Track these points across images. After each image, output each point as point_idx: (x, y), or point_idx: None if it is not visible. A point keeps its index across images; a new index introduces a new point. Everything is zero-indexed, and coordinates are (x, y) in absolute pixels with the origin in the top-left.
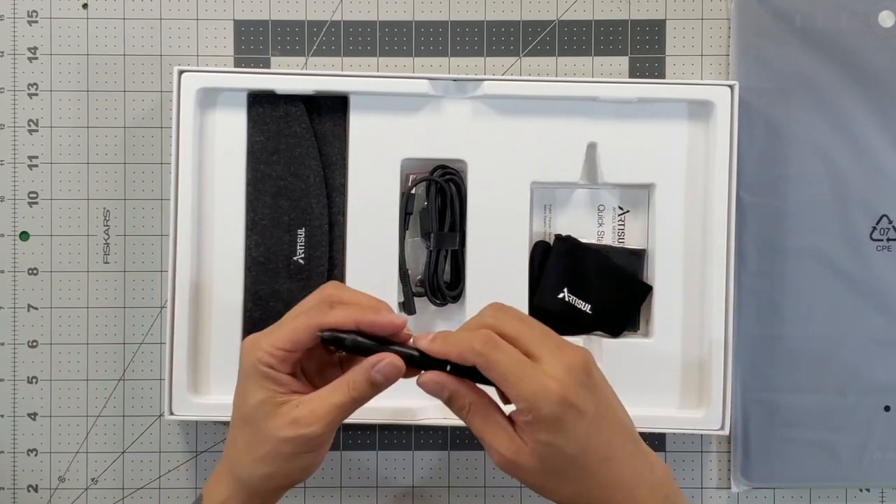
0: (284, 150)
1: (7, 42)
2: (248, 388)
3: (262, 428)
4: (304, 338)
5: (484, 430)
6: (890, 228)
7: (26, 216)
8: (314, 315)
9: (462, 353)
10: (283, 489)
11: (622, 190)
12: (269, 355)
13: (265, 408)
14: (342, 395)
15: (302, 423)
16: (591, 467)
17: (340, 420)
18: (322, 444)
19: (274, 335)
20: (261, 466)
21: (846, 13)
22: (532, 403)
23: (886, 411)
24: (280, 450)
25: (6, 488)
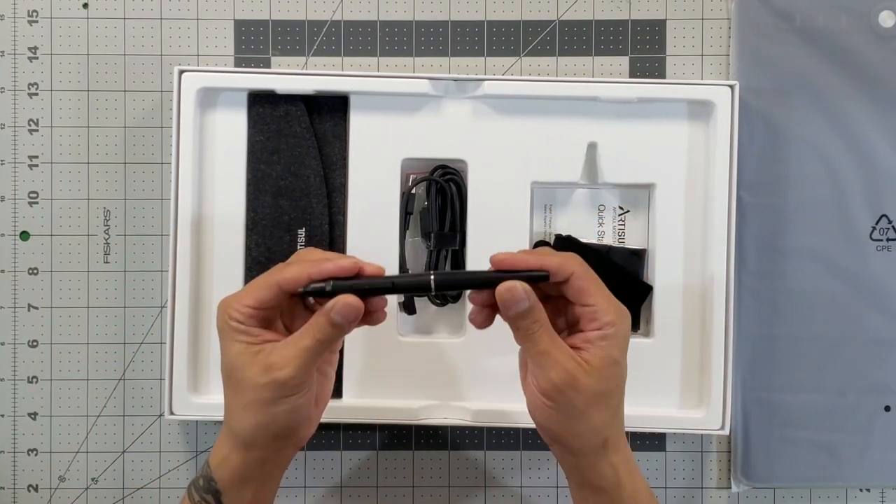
0: (284, 150)
1: (7, 42)
2: (225, 345)
3: (242, 378)
4: (266, 294)
5: (551, 344)
6: (890, 228)
7: (26, 216)
8: (273, 273)
9: (562, 264)
10: (278, 440)
11: (622, 190)
12: (238, 312)
13: (242, 358)
14: (308, 339)
15: (274, 367)
16: (619, 397)
17: (311, 362)
18: (298, 387)
19: (241, 294)
20: (248, 416)
21: (846, 13)
22: (617, 317)
23: (886, 411)
24: (260, 396)
25: (6, 488)
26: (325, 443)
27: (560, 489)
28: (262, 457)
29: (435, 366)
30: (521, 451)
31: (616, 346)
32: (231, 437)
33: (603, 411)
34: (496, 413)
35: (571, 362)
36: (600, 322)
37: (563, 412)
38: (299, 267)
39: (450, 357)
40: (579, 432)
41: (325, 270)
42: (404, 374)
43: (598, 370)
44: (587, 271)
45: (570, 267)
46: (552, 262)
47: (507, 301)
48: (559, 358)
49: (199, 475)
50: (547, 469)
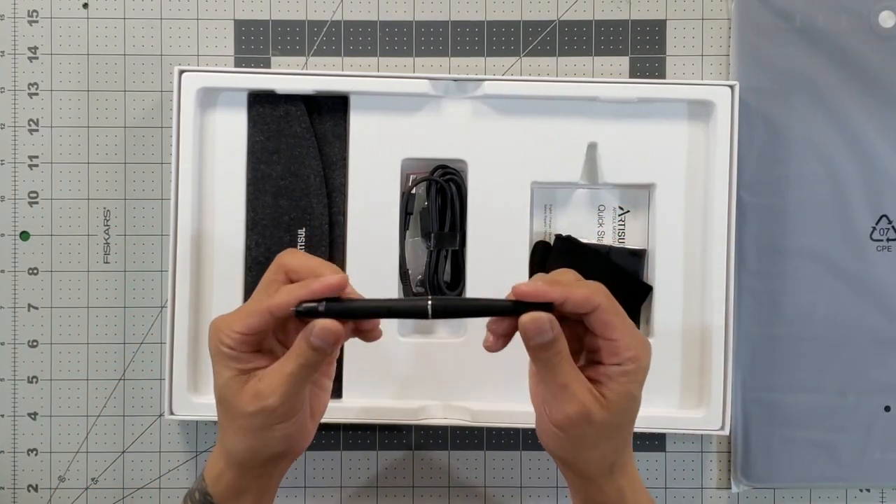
0: (284, 150)
1: (7, 42)
2: (216, 369)
3: (233, 404)
4: (257, 321)
5: (571, 377)
6: (890, 228)
7: (26, 216)
8: (262, 299)
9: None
10: (273, 462)
11: (622, 190)
12: (228, 338)
13: (232, 385)
14: (292, 364)
15: (262, 395)
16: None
17: (297, 388)
18: (287, 414)
19: (231, 319)
20: (240, 440)
21: (846, 13)
22: (638, 352)
23: (886, 411)
24: (250, 423)
25: (6, 488)
26: (325, 443)
27: (560, 489)
28: (258, 474)
29: (435, 366)
30: (521, 451)
31: (635, 381)
32: (225, 455)
33: (614, 441)
34: (496, 413)
35: (589, 397)
36: (621, 357)
37: (574, 442)
38: (290, 291)
39: (450, 357)
40: (588, 459)
41: (315, 292)
42: (404, 374)
43: (615, 405)
44: (612, 304)
45: (596, 300)
46: (577, 296)
47: (530, 332)
48: (577, 392)
49: (194, 488)
50: (547, 469)
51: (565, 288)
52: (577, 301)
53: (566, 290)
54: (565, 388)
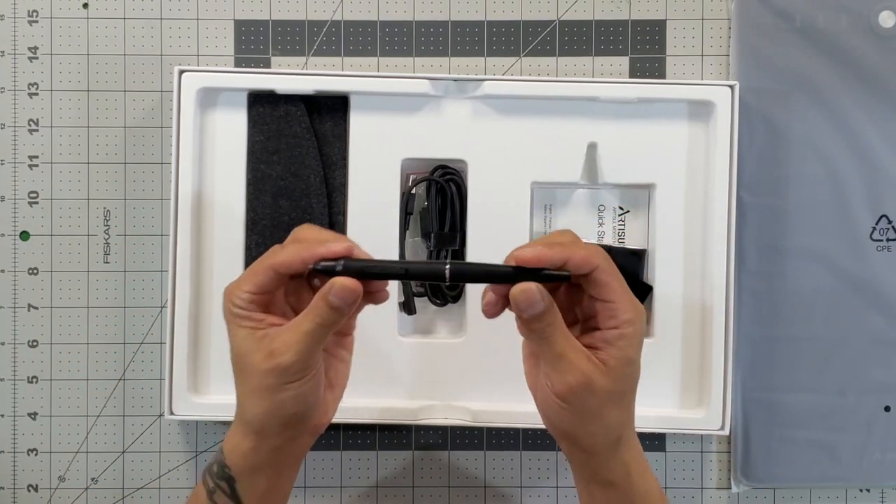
0: (284, 150)
1: (7, 42)
2: (231, 332)
3: (248, 364)
4: (263, 279)
5: (567, 346)
6: (889, 228)
7: (26, 216)
8: (269, 256)
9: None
10: (288, 427)
11: (622, 190)
12: (238, 298)
13: (246, 344)
14: (308, 322)
15: (276, 353)
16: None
17: (313, 346)
18: (301, 372)
19: (241, 280)
20: (255, 402)
21: (846, 13)
22: (635, 315)
23: (886, 411)
24: (264, 382)
25: (6, 488)
26: (325, 443)
27: (560, 489)
28: (275, 444)
29: (435, 366)
30: (521, 451)
31: (633, 345)
32: (242, 423)
33: (618, 410)
34: (496, 413)
35: (588, 364)
36: (619, 320)
37: (578, 413)
38: (293, 249)
39: (450, 357)
40: (593, 432)
41: (317, 254)
42: (404, 374)
43: (615, 371)
44: (610, 266)
45: (595, 261)
46: (577, 256)
47: (521, 303)
48: (575, 360)
49: (213, 461)
50: (547, 469)
51: (564, 249)
52: (577, 262)
53: (566, 251)
54: (563, 357)
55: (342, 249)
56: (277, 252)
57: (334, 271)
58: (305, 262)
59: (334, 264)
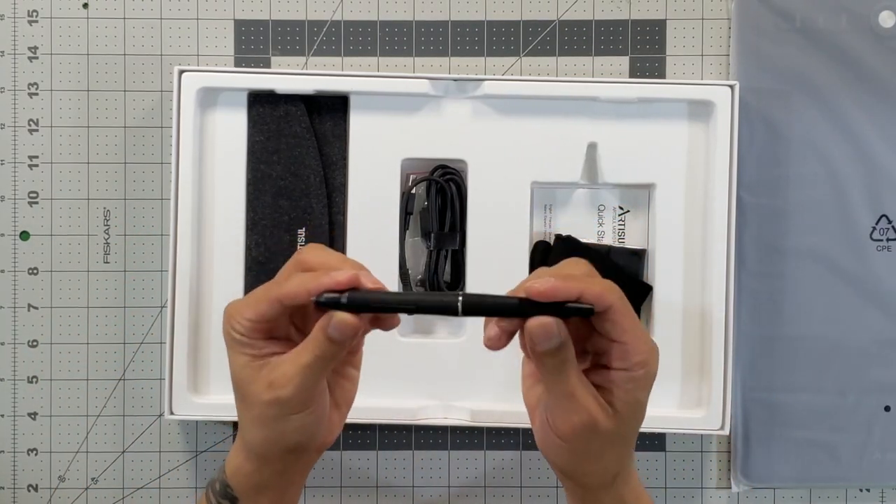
0: (284, 150)
1: (7, 42)
2: (230, 356)
3: (248, 392)
4: (267, 309)
5: (577, 385)
6: (889, 228)
7: (26, 216)
8: (272, 287)
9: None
10: (292, 455)
11: (622, 190)
12: (239, 324)
13: (246, 372)
14: (308, 355)
15: (276, 385)
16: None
17: (313, 379)
18: (303, 405)
19: (243, 305)
20: (256, 430)
21: (846, 13)
22: (648, 357)
23: (886, 411)
24: (265, 413)
25: (6, 488)
26: None
27: (560, 489)
28: (279, 469)
29: (435, 366)
30: (521, 451)
31: (643, 388)
32: (244, 446)
33: (619, 451)
34: (496, 413)
35: (595, 407)
36: (630, 362)
37: (577, 454)
38: (299, 281)
39: (450, 357)
40: (590, 471)
41: (322, 285)
42: (404, 374)
43: (622, 415)
44: (625, 304)
45: (609, 299)
46: (591, 292)
47: (537, 337)
48: (583, 402)
49: (216, 478)
50: (547, 469)
51: (579, 283)
52: (590, 299)
53: (580, 286)
54: (571, 396)
55: (346, 280)
56: (282, 283)
57: (339, 304)
58: (311, 294)
59: (339, 297)
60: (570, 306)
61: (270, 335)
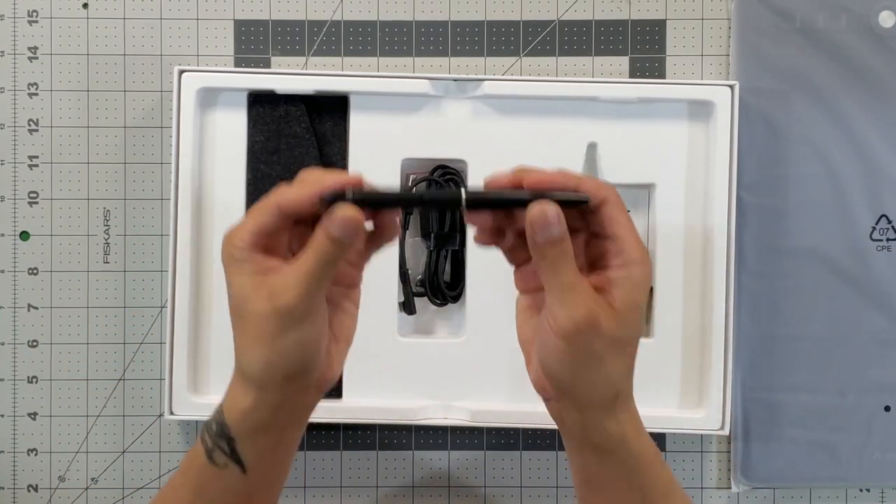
0: (285, 150)
1: (7, 42)
2: (230, 280)
3: (246, 310)
4: (266, 218)
5: (577, 279)
6: (889, 228)
7: (26, 216)
8: (274, 195)
9: (597, 188)
10: (290, 381)
11: (622, 190)
12: (240, 240)
13: (245, 289)
14: (309, 259)
15: (276, 294)
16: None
17: (315, 285)
18: (303, 315)
19: (243, 222)
20: (254, 351)
21: (846, 13)
22: (643, 257)
23: (886, 411)
24: (264, 327)
25: (6, 488)
26: (325, 443)
27: (560, 489)
28: (276, 401)
29: (435, 366)
30: (521, 451)
31: (640, 289)
32: (241, 377)
33: (620, 360)
34: (496, 413)
35: (596, 302)
36: (626, 258)
37: (580, 358)
38: (301, 186)
39: (450, 357)
40: (593, 382)
41: (329, 186)
42: (404, 374)
43: (622, 314)
44: (620, 201)
45: (604, 192)
46: (588, 185)
47: (537, 225)
48: (583, 295)
49: (211, 419)
50: (547, 469)
51: (574, 177)
52: (588, 190)
53: (577, 179)
54: (572, 289)
55: (350, 180)
56: (284, 190)
57: (344, 199)
58: (314, 198)
59: (343, 192)
60: (566, 197)
61: (271, 251)
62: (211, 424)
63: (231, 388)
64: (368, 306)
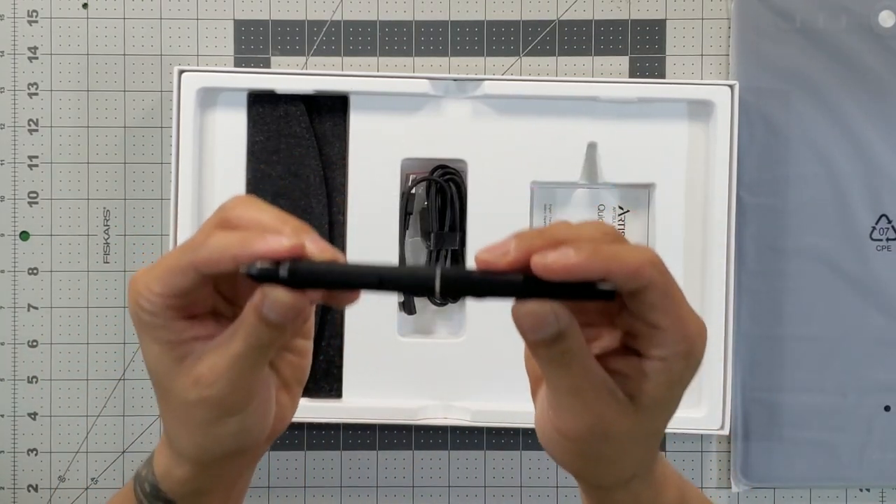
0: (284, 150)
1: (7, 42)
2: (141, 341)
3: (168, 389)
4: (180, 281)
5: (585, 380)
6: (889, 228)
7: (26, 216)
8: (186, 250)
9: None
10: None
11: (622, 190)
12: (147, 301)
13: (163, 364)
14: (240, 342)
15: (203, 382)
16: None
17: (249, 371)
18: (241, 404)
19: (152, 275)
20: (185, 435)
21: (846, 13)
22: (692, 347)
23: (887, 411)
24: (193, 415)
25: (6, 488)
26: (325, 443)
27: (560, 489)
28: (217, 473)
29: (435, 366)
30: (521, 451)
31: (681, 381)
32: (172, 451)
33: (640, 451)
34: (496, 413)
35: (609, 406)
36: (668, 351)
37: (586, 457)
38: (222, 243)
39: (450, 357)
40: (603, 474)
41: (256, 252)
42: (404, 374)
43: (647, 412)
44: (667, 280)
45: (646, 275)
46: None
47: (525, 326)
48: (593, 402)
49: (143, 476)
50: (547, 469)
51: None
52: (621, 277)
53: (607, 261)
54: (576, 393)
55: (287, 248)
56: (200, 244)
57: (277, 277)
58: (237, 260)
59: (277, 268)
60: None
61: (189, 313)
62: (143, 484)
63: (162, 451)
64: (368, 306)
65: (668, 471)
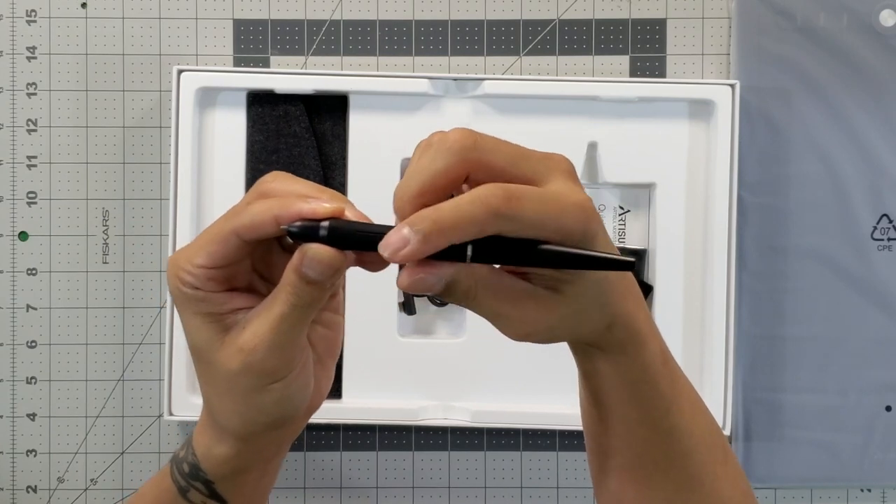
0: (284, 150)
1: (6, 41)
2: (183, 318)
3: (213, 362)
4: (221, 248)
5: (501, 305)
6: (890, 228)
7: (25, 216)
8: (229, 218)
9: (482, 225)
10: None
11: (623, 189)
12: (189, 274)
13: (207, 335)
14: (282, 304)
15: (247, 348)
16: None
17: (292, 335)
18: (284, 368)
19: (191, 249)
20: (227, 408)
21: (847, 13)
22: (577, 221)
23: (887, 411)
24: (237, 384)
25: (5, 489)
26: (325, 443)
27: (560, 489)
28: (258, 447)
29: (435, 366)
30: (521, 451)
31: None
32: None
33: (594, 314)
34: (496, 413)
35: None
36: (559, 236)
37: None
38: (263, 206)
39: (450, 357)
40: (579, 336)
41: (295, 211)
42: (404, 374)
43: (571, 287)
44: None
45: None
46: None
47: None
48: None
49: (182, 457)
50: (547, 469)
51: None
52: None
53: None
54: (498, 316)
55: (327, 210)
56: (240, 211)
57: (317, 235)
58: (280, 221)
59: (317, 225)
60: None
61: (230, 285)
62: (181, 464)
63: (203, 431)
64: (368, 306)
65: (654, 329)
